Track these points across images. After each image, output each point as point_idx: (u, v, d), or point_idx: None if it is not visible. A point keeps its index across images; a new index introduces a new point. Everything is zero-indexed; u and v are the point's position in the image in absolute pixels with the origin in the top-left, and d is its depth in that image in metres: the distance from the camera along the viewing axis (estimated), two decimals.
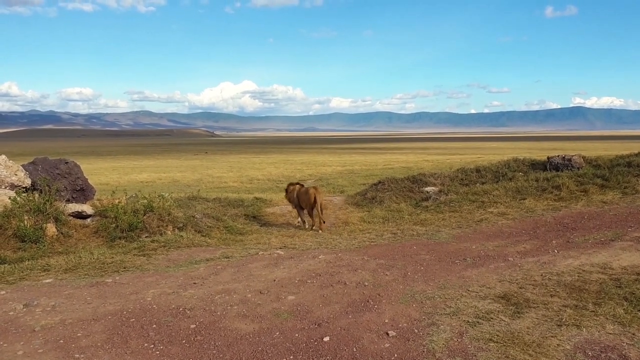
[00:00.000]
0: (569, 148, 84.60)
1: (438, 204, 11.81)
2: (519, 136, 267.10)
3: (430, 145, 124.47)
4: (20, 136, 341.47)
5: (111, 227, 10.46)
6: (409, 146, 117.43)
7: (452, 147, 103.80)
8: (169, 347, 5.08)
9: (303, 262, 7.66)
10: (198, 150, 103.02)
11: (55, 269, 8.20)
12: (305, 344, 5.09)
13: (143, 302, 6.27)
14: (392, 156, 68.09)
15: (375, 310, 5.85)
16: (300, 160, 63.70)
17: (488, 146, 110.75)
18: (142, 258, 8.68)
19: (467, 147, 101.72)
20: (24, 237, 9.80)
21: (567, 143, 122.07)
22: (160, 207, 11.00)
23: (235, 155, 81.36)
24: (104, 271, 8.02)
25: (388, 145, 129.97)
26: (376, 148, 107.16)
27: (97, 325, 5.64)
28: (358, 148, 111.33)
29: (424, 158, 60.45)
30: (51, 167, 11.50)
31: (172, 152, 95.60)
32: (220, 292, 6.55)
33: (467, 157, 56.99)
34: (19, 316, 5.90)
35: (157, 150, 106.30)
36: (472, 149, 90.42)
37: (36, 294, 6.73)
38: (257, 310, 5.94)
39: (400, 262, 7.54)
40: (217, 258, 8.58)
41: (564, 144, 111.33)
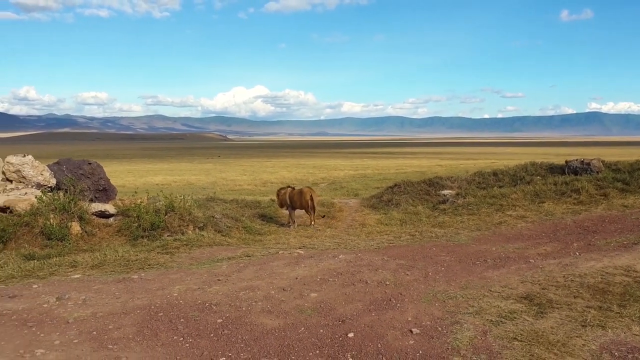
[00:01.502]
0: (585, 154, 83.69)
1: (456, 206, 11.86)
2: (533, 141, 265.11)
3: (443, 150, 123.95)
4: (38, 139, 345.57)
5: (134, 226, 10.64)
6: (421, 151, 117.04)
7: (465, 152, 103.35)
8: (197, 340, 5.21)
9: (323, 261, 7.77)
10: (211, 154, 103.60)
11: (82, 266, 8.39)
12: (330, 339, 5.19)
13: (170, 298, 6.42)
14: (404, 161, 67.96)
15: (398, 308, 5.94)
16: (312, 164, 63.82)
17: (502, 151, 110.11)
18: (166, 256, 8.85)
19: (481, 152, 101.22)
20: (50, 235, 10.01)
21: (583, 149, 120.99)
22: (181, 207, 11.18)
23: (247, 159, 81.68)
24: (129, 268, 8.20)
25: (400, 149, 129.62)
26: (388, 153, 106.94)
27: (127, 318, 5.78)
28: (370, 152, 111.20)
29: (436, 163, 60.22)
30: (75, 168, 11.73)
31: (186, 156, 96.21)
32: (244, 288, 6.67)
33: (480, 162, 56.74)
34: (53, 308, 6.07)
35: (171, 154, 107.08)
36: (485, 154, 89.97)
37: (67, 288, 6.91)
38: (281, 307, 6.05)
39: (421, 263, 7.62)
40: (239, 256, 8.72)
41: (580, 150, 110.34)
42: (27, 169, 11.15)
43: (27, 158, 11.28)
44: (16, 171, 11.16)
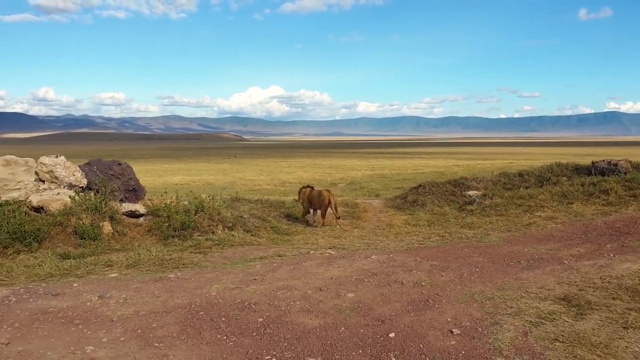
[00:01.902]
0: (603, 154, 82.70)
1: (483, 207, 11.85)
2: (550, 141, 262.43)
3: (459, 150, 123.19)
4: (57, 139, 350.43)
5: (164, 226, 10.80)
6: (437, 151, 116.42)
7: (481, 152, 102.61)
8: (241, 338, 5.30)
9: (356, 261, 7.83)
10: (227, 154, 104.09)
11: (118, 265, 8.55)
12: (371, 339, 5.25)
13: (209, 297, 6.52)
14: (420, 161, 67.68)
15: (436, 309, 5.98)
16: (328, 164, 63.81)
17: (519, 151, 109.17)
18: (199, 255, 8.98)
19: (498, 152, 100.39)
20: (83, 234, 10.19)
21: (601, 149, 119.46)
22: (210, 207, 11.31)
23: (263, 159, 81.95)
24: (164, 267, 8.34)
25: (416, 150, 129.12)
26: (404, 153, 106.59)
27: (169, 317, 5.90)
28: (385, 152, 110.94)
29: (453, 163, 59.83)
30: (105, 168, 11.93)
31: (202, 156, 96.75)
32: (281, 288, 6.76)
33: (498, 162, 56.30)
34: (96, 307, 6.21)
35: (188, 154, 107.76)
36: (502, 154, 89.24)
37: (106, 287, 7.05)
38: (319, 306, 6.13)
39: (454, 264, 7.64)
40: (270, 256, 8.81)
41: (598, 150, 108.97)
42: (59, 170, 11.36)
43: (59, 159, 11.51)
44: (49, 172, 11.38)
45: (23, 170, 11.49)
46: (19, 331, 5.46)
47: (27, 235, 9.75)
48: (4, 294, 6.70)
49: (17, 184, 11.16)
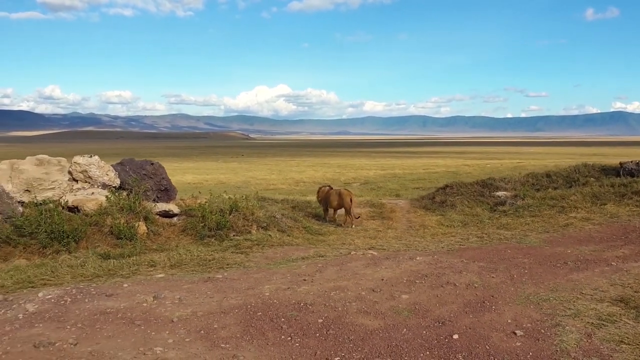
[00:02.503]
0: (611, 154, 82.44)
1: (516, 208, 11.83)
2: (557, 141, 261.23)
3: (467, 149, 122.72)
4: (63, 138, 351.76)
5: (199, 226, 10.83)
6: (444, 150, 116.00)
7: (489, 152, 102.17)
8: (305, 339, 5.32)
9: (403, 263, 7.84)
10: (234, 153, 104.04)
11: (161, 265, 8.60)
12: (436, 340, 5.27)
13: (263, 297, 6.55)
14: (428, 160, 67.40)
15: (494, 310, 5.99)
16: (337, 163, 63.63)
17: (526, 151, 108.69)
18: (241, 255, 9.01)
19: (505, 152, 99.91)
20: (119, 234, 10.24)
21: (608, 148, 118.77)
22: (244, 207, 11.35)
23: (271, 158, 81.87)
24: (208, 267, 8.38)
25: (423, 149, 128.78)
26: (411, 152, 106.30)
27: (228, 318, 5.92)
28: (393, 152, 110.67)
29: (462, 162, 59.48)
30: (138, 168, 11.99)
31: (210, 155, 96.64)
32: (333, 289, 6.77)
33: (507, 162, 56.02)
34: (153, 307, 6.24)
35: (195, 153, 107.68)
36: (510, 154, 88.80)
37: (157, 287, 7.09)
38: (375, 308, 6.14)
39: (501, 265, 7.64)
40: (312, 257, 8.84)
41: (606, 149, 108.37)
42: (93, 169, 11.42)
43: (93, 159, 11.57)
44: (83, 171, 11.44)
45: (56, 169, 11.56)
46: (83, 332, 5.51)
47: (66, 235, 9.82)
48: (58, 294, 6.74)
49: (51, 184, 11.23)
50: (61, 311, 6.16)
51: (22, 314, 6.08)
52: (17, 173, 11.14)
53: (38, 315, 6.02)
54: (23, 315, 6.03)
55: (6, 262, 9.34)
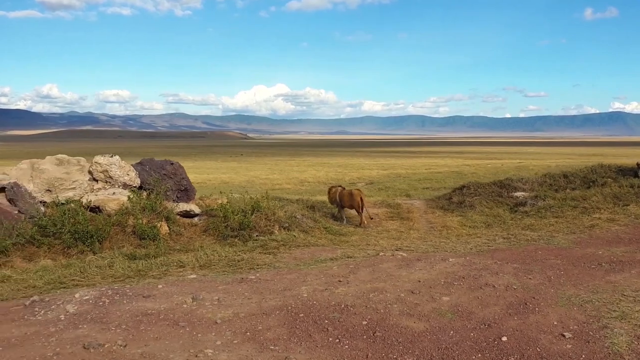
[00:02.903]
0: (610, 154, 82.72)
1: (538, 209, 11.81)
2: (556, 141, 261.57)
3: (466, 149, 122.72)
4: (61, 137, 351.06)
5: (222, 226, 10.80)
6: (443, 150, 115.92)
7: (489, 152, 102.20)
8: (353, 342, 5.29)
9: (436, 264, 7.81)
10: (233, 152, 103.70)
11: (190, 266, 8.57)
12: (485, 342, 5.24)
13: (301, 299, 6.51)
14: (429, 160, 67.25)
15: (538, 312, 5.96)
16: (337, 163, 63.41)
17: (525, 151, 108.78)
18: (269, 256, 8.98)
19: (505, 152, 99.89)
20: (142, 235, 10.20)
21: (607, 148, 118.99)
22: (266, 208, 11.32)
23: (270, 157, 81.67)
24: (238, 268, 8.34)
25: (422, 149, 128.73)
26: (410, 152, 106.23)
27: (270, 319, 5.89)
28: (392, 151, 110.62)
29: (462, 162, 59.25)
30: (158, 168, 11.94)
31: (208, 154, 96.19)
32: (370, 290, 6.75)
33: (507, 162, 55.91)
34: (194, 309, 6.21)
35: (194, 152, 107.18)
36: (510, 154, 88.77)
37: (192, 288, 7.06)
38: (417, 310, 6.11)
39: (536, 267, 7.63)
40: (340, 257, 8.81)
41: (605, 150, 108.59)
42: (114, 169, 11.38)
43: (114, 158, 11.52)
44: (103, 171, 11.40)
45: (76, 169, 11.52)
46: (129, 333, 5.48)
47: (90, 236, 9.78)
48: (94, 295, 6.71)
49: (72, 184, 11.19)
50: (102, 312, 6.13)
51: (63, 315, 6.05)
52: (38, 173, 11.10)
53: (80, 316, 5.99)
54: (65, 316, 6.00)
55: (31, 262, 9.30)
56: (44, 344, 5.22)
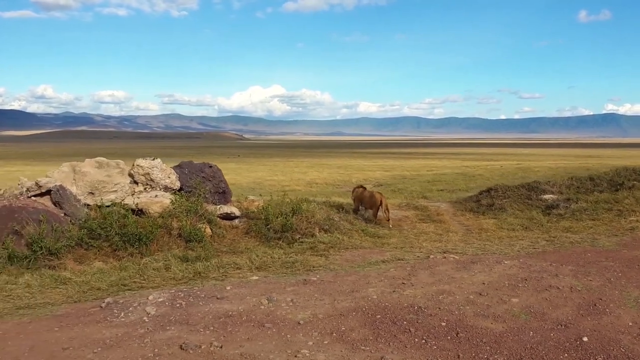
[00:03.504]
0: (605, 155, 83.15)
1: (572, 211, 12.01)
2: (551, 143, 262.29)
3: (462, 150, 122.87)
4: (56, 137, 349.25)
5: (264, 229, 10.94)
6: (440, 151, 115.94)
7: (485, 153, 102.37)
8: (439, 342, 5.45)
9: (493, 267, 7.99)
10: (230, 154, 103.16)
11: (246, 267, 8.72)
12: (567, 343, 5.41)
13: (372, 300, 6.67)
14: (428, 161, 66.95)
15: (609, 313, 6.15)
16: (336, 164, 63.08)
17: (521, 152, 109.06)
18: (322, 258, 9.13)
19: (501, 153, 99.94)
20: (189, 237, 10.33)
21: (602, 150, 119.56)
22: (306, 210, 11.47)
23: (267, 158, 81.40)
24: (295, 269, 8.49)
25: (418, 150, 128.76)
26: (407, 153, 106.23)
27: (349, 320, 6.04)
28: (388, 153, 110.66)
29: (461, 164, 59.06)
30: (196, 171, 12.08)
31: (205, 155, 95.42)
32: (438, 292, 6.91)
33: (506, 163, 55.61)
34: (272, 310, 6.36)
35: (190, 153, 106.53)
36: (506, 155, 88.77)
37: (260, 289, 7.20)
38: (491, 311, 6.28)
39: (592, 269, 7.82)
40: (392, 260, 8.97)
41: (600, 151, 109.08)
42: (156, 172, 11.50)
43: (156, 161, 11.65)
44: (145, 174, 11.52)
45: (117, 172, 11.64)
46: (220, 334, 5.62)
47: (138, 238, 9.90)
48: (167, 297, 6.84)
49: (114, 186, 11.30)
50: (183, 314, 6.26)
51: (145, 317, 6.18)
52: (81, 176, 11.21)
53: (163, 318, 6.13)
54: (148, 318, 6.14)
55: (82, 264, 9.42)
56: (140, 345, 5.36)
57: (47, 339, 5.61)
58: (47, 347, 5.38)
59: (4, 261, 8.84)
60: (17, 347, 5.42)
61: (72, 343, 5.46)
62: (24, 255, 9.10)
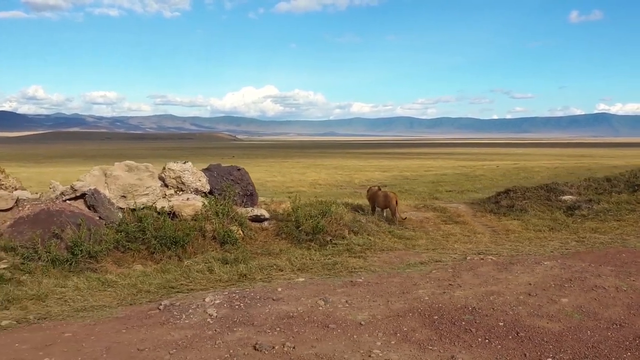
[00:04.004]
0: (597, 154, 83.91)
1: (596, 212, 12.25)
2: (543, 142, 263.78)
3: (456, 150, 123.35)
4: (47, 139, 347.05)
5: (295, 231, 11.10)
6: (433, 151, 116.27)
7: (479, 153, 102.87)
8: (503, 342, 5.63)
9: (534, 267, 8.19)
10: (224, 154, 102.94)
11: (288, 269, 8.89)
12: (627, 342, 5.61)
13: (425, 301, 6.84)
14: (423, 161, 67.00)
15: None
16: (331, 164, 62.96)
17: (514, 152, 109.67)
18: (360, 260, 9.30)
19: (495, 153, 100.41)
20: (223, 240, 10.47)
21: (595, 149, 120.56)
22: (335, 212, 11.64)
23: (262, 159, 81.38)
24: (337, 271, 8.65)
25: (411, 150, 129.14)
26: (400, 153, 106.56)
27: (409, 321, 6.21)
28: (382, 153, 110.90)
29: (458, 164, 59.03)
30: (225, 174, 12.21)
31: (199, 156, 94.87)
32: (488, 293, 7.09)
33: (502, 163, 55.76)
34: (331, 311, 6.51)
35: (185, 154, 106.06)
36: (499, 155, 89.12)
37: (312, 291, 7.35)
38: (543, 311, 6.47)
39: (631, 269, 8.04)
40: (430, 262, 9.15)
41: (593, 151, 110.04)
42: (187, 175, 11.63)
43: (187, 165, 11.78)
44: (176, 177, 11.65)
45: (147, 175, 11.74)
46: (287, 335, 5.77)
47: (175, 241, 10.03)
48: (223, 299, 6.98)
49: (145, 190, 11.41)
50: (245, 315, 6.40)
51: (209, 319, 6.32)
52: (113, 179, 11.32)
53: (227, 319, 6.27)
54: (212, 320, 6.28)
55: (120, 267, 9.54)
56: (213, 346, 5.50)
57: (119, 341, 5.74)
58: (122, 349, 5.51)
59: (48, 265, 8.94)
60: (92, 348, 5.55)
61: (145, 344, 5.60)
62: (66, 258, 9.20)
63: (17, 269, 8.72)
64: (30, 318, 6.72)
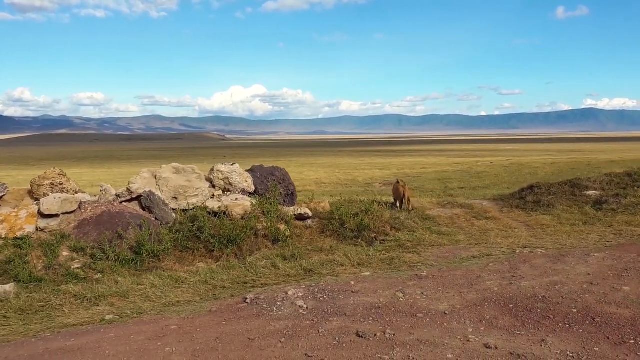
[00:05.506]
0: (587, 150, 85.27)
1: (625, 207, 12.78)
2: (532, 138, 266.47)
3: (445, 147, 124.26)
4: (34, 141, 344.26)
5: (340, 228, 11.54)
6: (423, 149, 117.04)
7: (468, 149, 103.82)
8: (582, 327, 6.09)
9: (585, 259, 8.71)
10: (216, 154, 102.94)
11: (348, 264, 9.32)
12: None
13: (495, 292, 7.30)
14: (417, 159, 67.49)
15: None
16: (324, 163, 63.06)
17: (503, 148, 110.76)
18: (415, 255, 9.75)
19: (485, 150, 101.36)
20: (275, 238, 10.89)
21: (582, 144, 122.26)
22: (375, 210, 12.09)
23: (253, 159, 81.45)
24: (396, 266, 9.10)
25: (401, 147, 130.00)
26: (391, 151, 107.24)
27: (487, 309, 6.67)
28: (373, 151, 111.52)
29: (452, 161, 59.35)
30: (267, 174, 12.63)
31: (190, 156, 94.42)
32: (551, 283, 7.58)
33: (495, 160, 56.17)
34: (411, 302, 6.97)
35: (175, 155, 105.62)
36: (490, 151, 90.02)
37: (385, 284, 7.80)
38: (610, 298, 6.95)
39: None
40: (481, 256, 9.61)
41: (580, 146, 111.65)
42: (234, 177, 12.03)
43: (234, 166, 12.18)
44: (224, 178, 12.04)
45: (195, 177, 12.13)
46: (382, 324, 6.21)
47: (231, 240, 10.43)
48: (305, 292, 7.40)
49: (195, 191, 11.79)
50: (334, 306, 6.84)
51: (301, 310, 6.75)
52: (164, 182, 11.69)
53: (318, 310, 6.70)
54: (304, 311, 6.71)
55: (183, 265, 9.93)
56: (318, 335, 5.93)
57: (225, 332, 6.14)
58: (233, 338, 5.92)
59: (117, 264, 9.31)
60: (204, 338, 5.95)
61: (252, 334, 6.01)
62: (131, 258, 9.58)
63: (90, 268, 9.10)
64: (127, 313, 7.11)
